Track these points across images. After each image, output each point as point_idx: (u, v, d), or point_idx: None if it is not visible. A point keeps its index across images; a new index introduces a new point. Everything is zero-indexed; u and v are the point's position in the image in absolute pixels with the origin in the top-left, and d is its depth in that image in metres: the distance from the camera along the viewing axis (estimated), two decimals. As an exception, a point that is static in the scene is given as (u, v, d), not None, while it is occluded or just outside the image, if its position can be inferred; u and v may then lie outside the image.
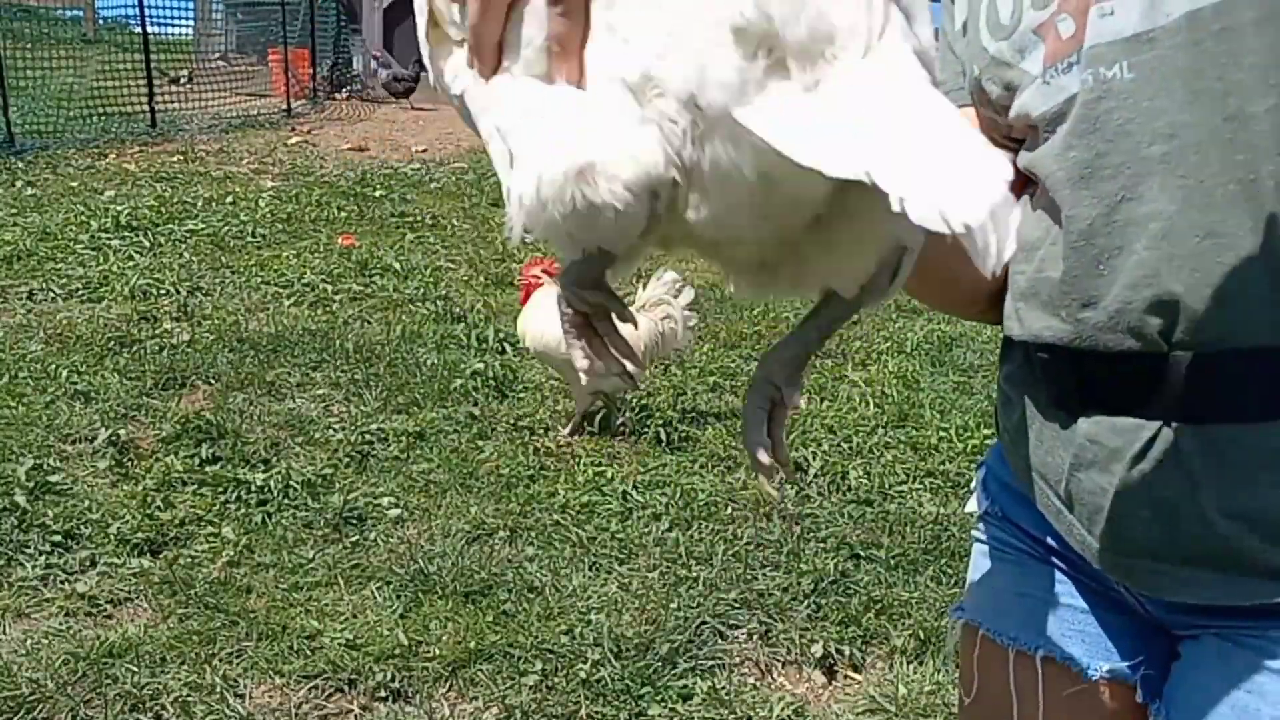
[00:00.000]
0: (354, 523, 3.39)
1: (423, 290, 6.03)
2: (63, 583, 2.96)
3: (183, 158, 10.42)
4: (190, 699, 2.50)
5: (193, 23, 19.06)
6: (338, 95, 17.02)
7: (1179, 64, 0.83)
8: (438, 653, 2.73)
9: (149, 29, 13.96)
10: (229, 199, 8.25)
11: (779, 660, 2.84)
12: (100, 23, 20.27)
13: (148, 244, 6.76)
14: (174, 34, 18.31)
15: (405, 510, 3.49)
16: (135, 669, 2.57)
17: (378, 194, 8.90)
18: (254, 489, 3.52)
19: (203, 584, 2.97)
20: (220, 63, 17.06)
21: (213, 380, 4.52)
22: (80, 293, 5.68)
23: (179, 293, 5.72)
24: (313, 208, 8.18)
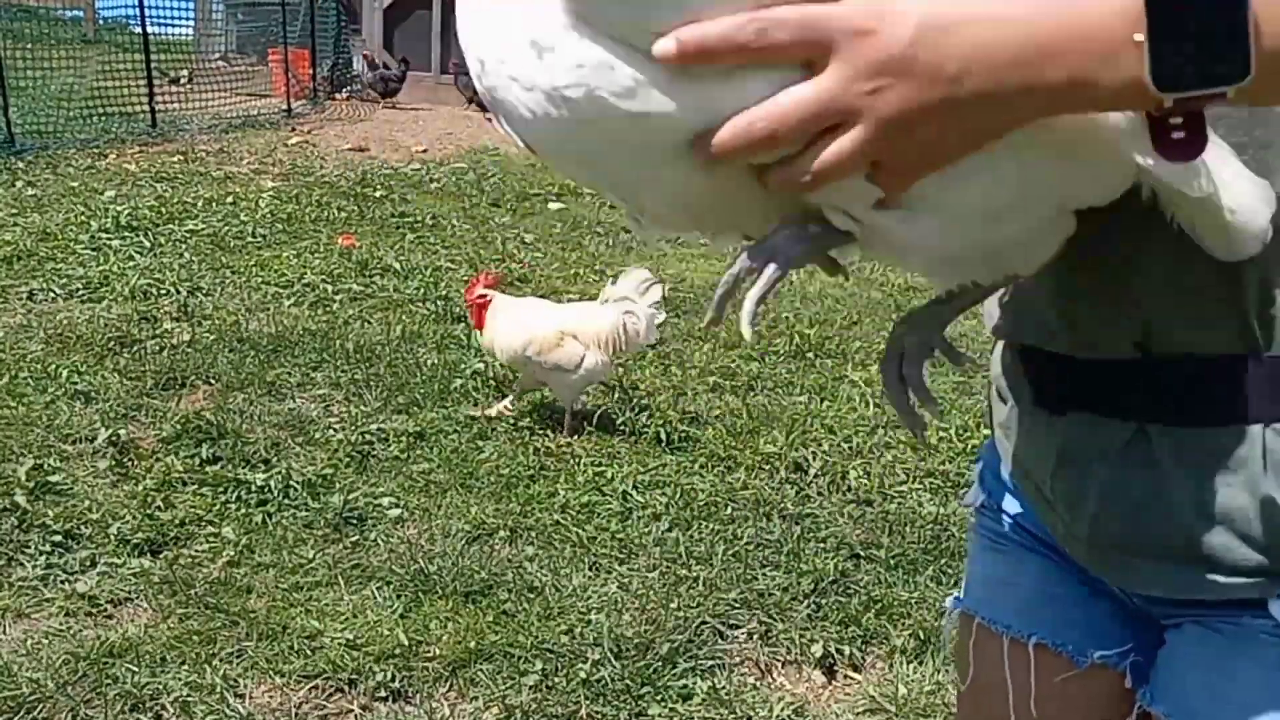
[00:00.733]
0: (354, 523, 3.39)
1: (423, 290, 6.03)
2: (63, 583, 2.96)
3: (183, 158, 10.41)
4: (190, 699, 2.50)
5: (193, 23, 19.06)
6: (338, 95, 17.02)
7: None
8: (438, 653, 2.73)
9: (149, 29, 13.97)
10: (229, 199, 8.25)
11: (779, 660, 2.84)
12: (100, 23, 20.28)
13: (148, 244, 6.76)
14: (174, 34, 18.33)
15: (405, 510, 3.50)
16: (135, 669, 2.57)
17: (378, 194, 8.90)
18: (254, 489, 3.52)
19: (203, 584, 2.97)
20: (220, 63, 17.05)
21: (213, 380, 4.52)
22: (80, 293, 5.68)
23: (179, 293, 5.72)
24: (313, 208, 8.18)
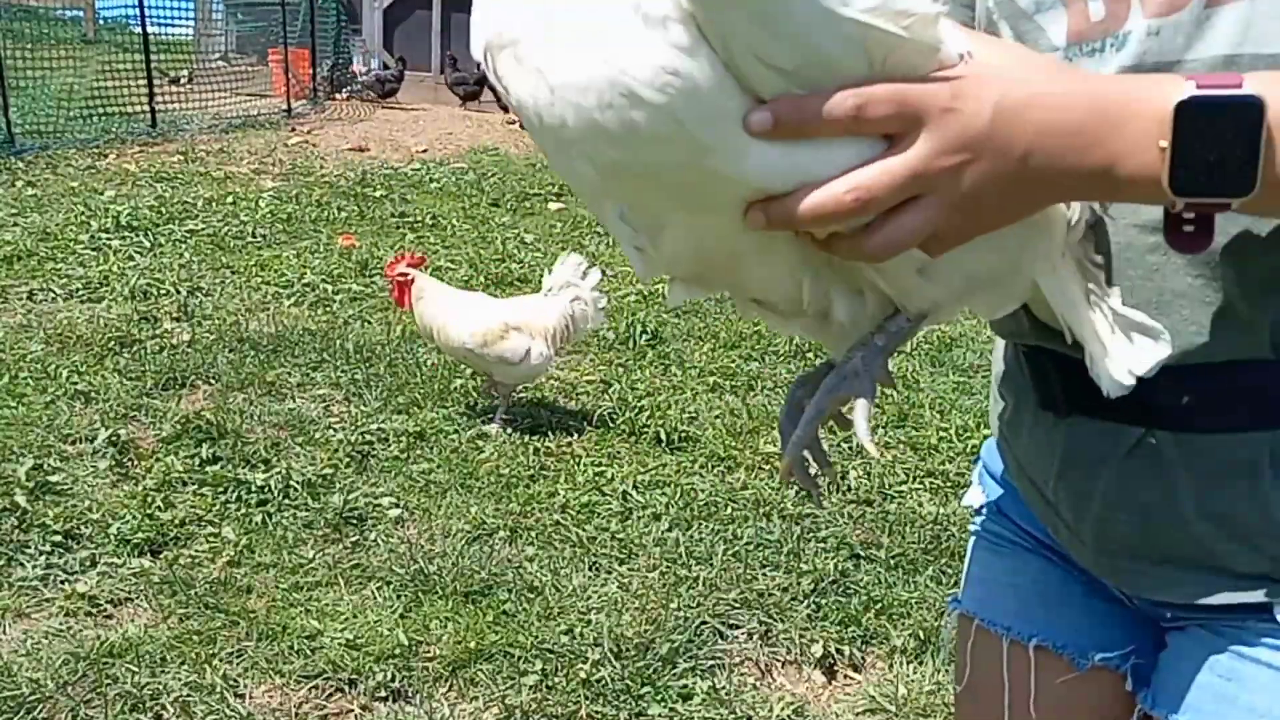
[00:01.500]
0: (354, 523, 3.39)
1: (423, 290, 6.02)
2: (63, 583, 2.96)
3: (183, 158, 10.41)
4: (190, 699, 2.50)
5: (193, 23, 19.03)
6: (338, 95, 17.01)
7: None
8: (438, 653, 2.73)
9: (149, 29, 13.94)
10: (229, 199, 8.25)
11: (779, 660, 2.84)
12: (100, 23, 20.25)
13: (148, 244, 6.76)
14: (174, 34, 18.30)
15: (405, 510, 3.50)
16: (135, 669, 2.57)
17: (378, 194, 8.90)
18: (254, 489, 3.52)
19: (203, 584, 2.97)
20: (220, 63, 17.04)
21: (213, 380, 4.52)
22: (80, 293, 5.68)
23: (179, 293, 5.72)
24: (313, 208, 8.18)
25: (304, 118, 14.56)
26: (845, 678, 2.79)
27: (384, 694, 2.59)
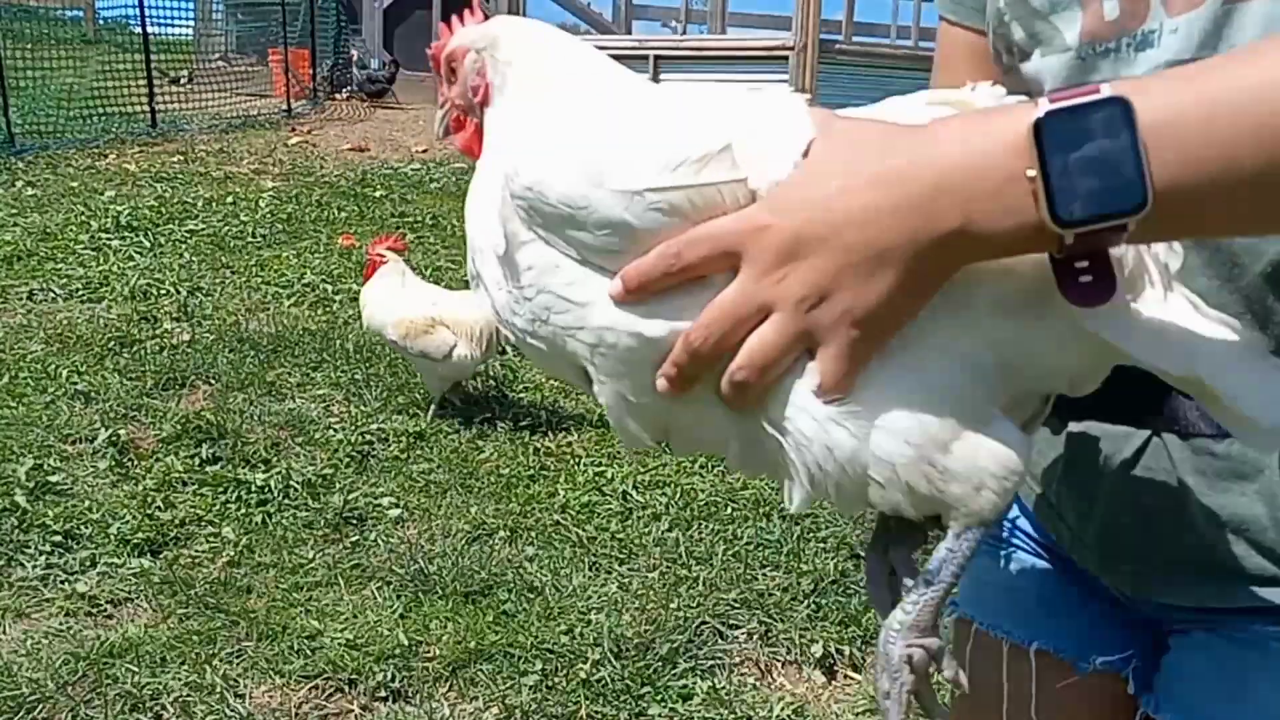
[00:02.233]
0: (354, 523, 3.39)
1: (423, 290, 6.03)
2: (63, 583, 2.96)
3: (183, 158, 10.41)
4: (190, 699, 2.50)
5: (193, 23, 19.02)
6: (338, 95, 17.00)
7: None
8: (438, 653, 2.73)
9: (149, 29, 13.93)
10: (229, 199, 8.25)
11: (779, 660, 2.84)
12: (100, 23, 20.21)
13: (148, 244, 6.76)
14: (174, 34, 18.26)
15: (405, 510, 3.50)
16: (135, 669, 2.57)
17: (378, 194, 8.90)
18: (254, 489, 3.52)
19: (203, 584, 2.97)
20: (220, 63, 17.03)
21: (213, 380, 4.52)
22: (80, 293, 5.68)
23: (179, 293, 5.72)
24: (313, 208, 8.18)
25: (304, 118, 14.56)
26: (845, 678, 2.79)
27: (384, 694, 2.59)
